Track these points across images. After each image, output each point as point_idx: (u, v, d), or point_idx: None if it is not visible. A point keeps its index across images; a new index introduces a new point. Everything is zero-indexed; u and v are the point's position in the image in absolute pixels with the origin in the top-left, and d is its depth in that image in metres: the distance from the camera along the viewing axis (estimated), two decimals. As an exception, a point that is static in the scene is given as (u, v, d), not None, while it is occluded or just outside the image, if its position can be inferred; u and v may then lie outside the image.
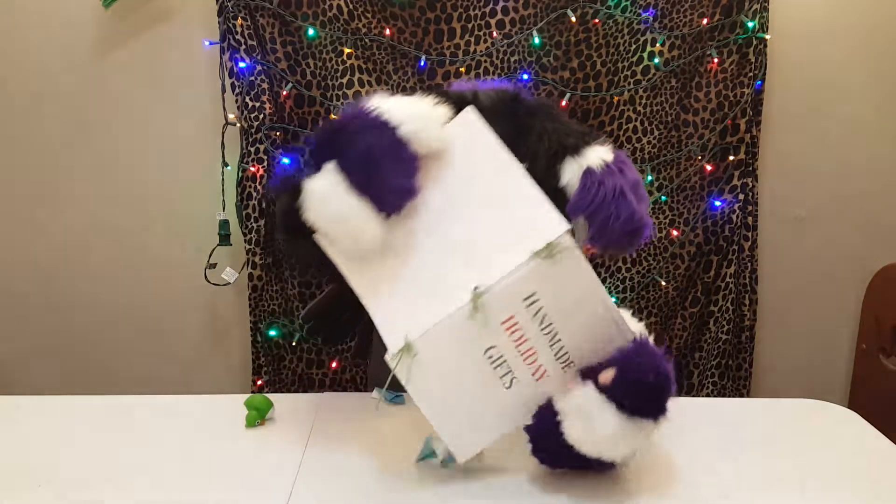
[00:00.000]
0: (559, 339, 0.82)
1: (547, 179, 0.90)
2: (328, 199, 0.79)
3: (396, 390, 1.08)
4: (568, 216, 0.86)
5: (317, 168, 0.80)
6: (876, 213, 1.73)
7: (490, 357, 0.81)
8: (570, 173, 0.90)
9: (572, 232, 0.81)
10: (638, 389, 0.79)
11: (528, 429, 0.84)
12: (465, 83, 0.99)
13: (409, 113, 0.80)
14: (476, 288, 0.79)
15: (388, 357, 0.79)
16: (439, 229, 0.84)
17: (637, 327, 0.85)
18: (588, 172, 0.89)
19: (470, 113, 0.85)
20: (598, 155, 0.90)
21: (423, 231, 0.84)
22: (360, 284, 0.83)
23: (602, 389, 0.79)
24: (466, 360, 0.81)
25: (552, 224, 0.81)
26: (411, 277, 0.83)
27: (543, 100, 1.01)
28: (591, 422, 0.78)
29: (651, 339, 0.84)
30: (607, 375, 0.79)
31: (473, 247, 0.83)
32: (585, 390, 0.80)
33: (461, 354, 0.81)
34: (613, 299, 1.67)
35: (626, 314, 0.86)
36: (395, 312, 0.82)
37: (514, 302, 0.80)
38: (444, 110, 0.83)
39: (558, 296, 0.81)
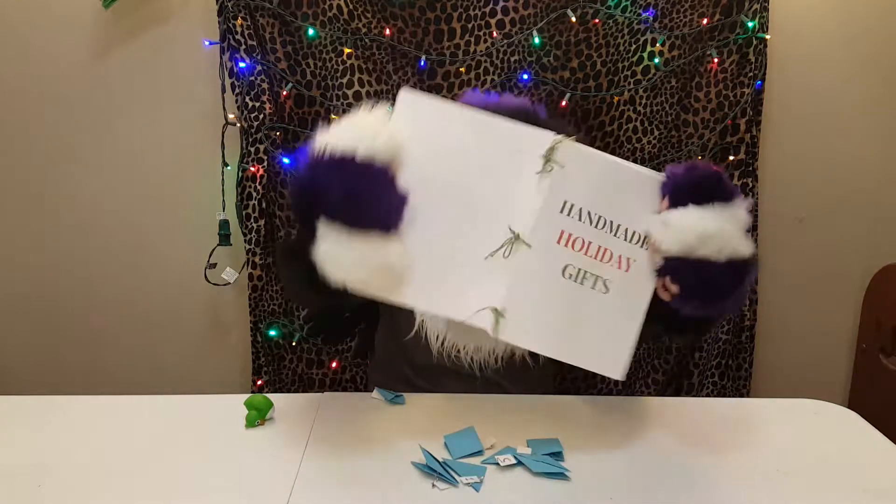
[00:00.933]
0: (617, 224, 0.84)
1: None
2: (339, 256, 0.78)
3: (396, 391, 1.08)
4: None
5: (311, 231, 0.79)
6: (877, 213, 1.72)
7: (571, 276, 0.83)
8: None
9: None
10: (697, 182, 0.82)
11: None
12: (476, 95, 0.99)
13: (354, 135, 0.79)
14: (513, 231, 0.81)
15: (489, 332, 0.81)
16: (449, 207, 0.84)
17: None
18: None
19: (404, 94, 0.85)
20: None
21: (436, 217, 0.84)
22: (413, 299, 0.84)
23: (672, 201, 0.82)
24: (554, 291, 0.82)
25: (538, 138, 0.82)
26: (450, 262, 0.84)
27: (556, 119, 1.00)
28: (680, 225, 0.81)
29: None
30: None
31: (488, 202, 0.84)
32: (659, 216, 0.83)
33: (545, 291, 0.82)
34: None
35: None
36: (456, 297, 0.83)
37: (554, 220, 0.82)
38: (380, 111, 0.82)
39: (586, 189, 0.83)
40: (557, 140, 0.83)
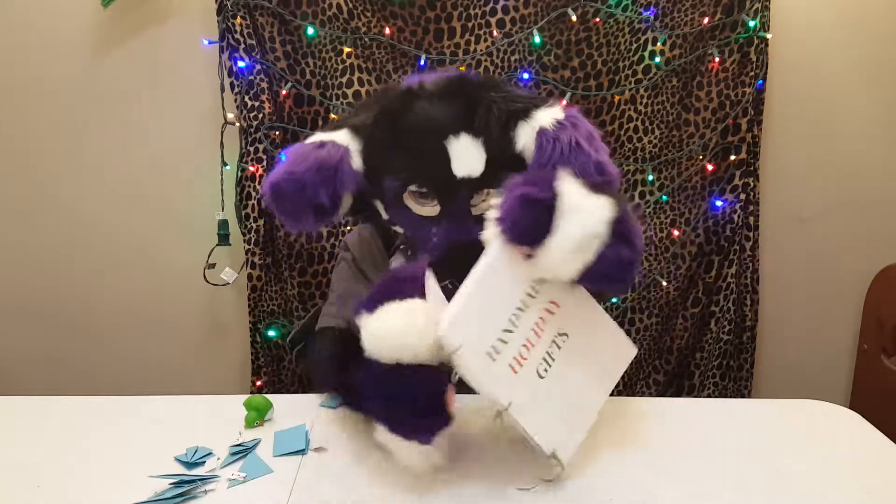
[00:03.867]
0: (517, 308, 0.82)
1: (504, 148, 0.92)
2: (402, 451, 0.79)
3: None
4: None
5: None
6: (879, 213, 1.72)
7: (546, 370, 0.84)
8: (525, 136, 0.91)
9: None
10: (522, 225, 0.78)
11: None
12: (413, 76, 0.99)
13: (396, 342, 0.76)
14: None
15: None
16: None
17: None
18: (541, 132, 0.89)
19: (429, 280, 0.83)
20: (549, 114, 0.90)
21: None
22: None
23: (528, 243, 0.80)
24: (552, 393, 0.83)
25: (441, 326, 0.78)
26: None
27: (489, 75, 1.00)
28: (557, 254, 0.79)
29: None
30: None
31: None
32: None
33: (544, 401, 0.83)
34: (616, 301, 1.67)
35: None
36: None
37: (493, 377, 0.80)
38: (423, 309, 0.78)
39: (484, 331, 0.81)
40: (449, 347, 0.78)
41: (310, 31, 1.45)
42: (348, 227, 1.60)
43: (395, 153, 0.93)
